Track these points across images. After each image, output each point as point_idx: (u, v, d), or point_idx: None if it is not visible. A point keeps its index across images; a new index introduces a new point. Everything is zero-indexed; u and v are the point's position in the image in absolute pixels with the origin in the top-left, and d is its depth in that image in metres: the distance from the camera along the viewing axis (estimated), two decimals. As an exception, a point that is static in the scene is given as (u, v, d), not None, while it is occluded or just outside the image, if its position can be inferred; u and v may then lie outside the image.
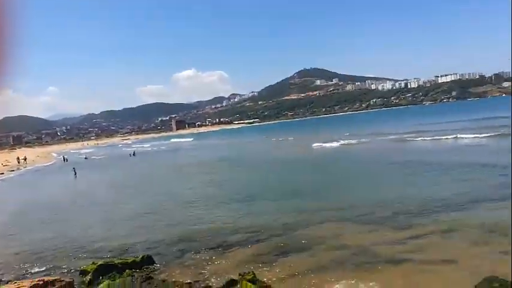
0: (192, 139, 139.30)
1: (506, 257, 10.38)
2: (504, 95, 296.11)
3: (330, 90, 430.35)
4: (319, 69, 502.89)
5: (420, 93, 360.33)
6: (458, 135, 44.99)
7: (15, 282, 8.89)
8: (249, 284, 9.56)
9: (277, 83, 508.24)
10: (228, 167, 40.54)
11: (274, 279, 10.74)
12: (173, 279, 11.25)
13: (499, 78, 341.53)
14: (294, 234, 15.03)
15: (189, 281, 11.00)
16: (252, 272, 10.27)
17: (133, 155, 76.32)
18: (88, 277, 12.28)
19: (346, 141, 55.73)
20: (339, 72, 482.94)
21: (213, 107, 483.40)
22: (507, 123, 47.94)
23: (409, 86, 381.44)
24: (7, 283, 11.02)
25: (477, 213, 15.22)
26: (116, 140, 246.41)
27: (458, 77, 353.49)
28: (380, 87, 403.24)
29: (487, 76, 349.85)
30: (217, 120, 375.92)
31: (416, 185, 22.00)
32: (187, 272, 12.34)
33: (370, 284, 9.86)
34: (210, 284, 10.98)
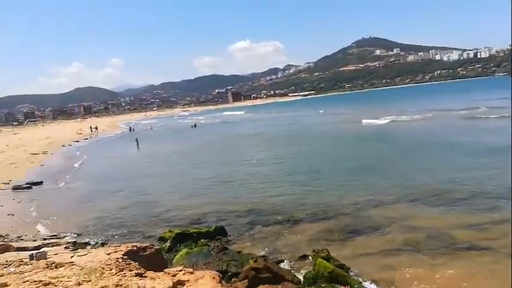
0: (243, 112, 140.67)
1: None
2: None
3: (391, 61, 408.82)
4: (379, 38, 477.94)
5: (492, 64, 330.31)
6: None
7: (111, 245, 9.78)
8: (324, 261, 9.72)
9: (334, 53, 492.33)
10: (284, 142, 40.33)
11: (346, 258, 10.80)
12: (247, 252, 11.77)
13: None
14: (363, 213, 14.89)
15: (263, 253, 11.45)
16: (326, 249, 10.40)
17: (195, 126, 78.85)
18: (167, 244, 13.21)
19: (397, 117, 53.01)
20: (400, 42, 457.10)
21: (268, 78, 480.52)
22: None
23: (479, 56, 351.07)
24: (103, 245, 12.18)
25: None
26: (176, 110, 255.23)
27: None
28: (445, 58, 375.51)
29: None
30: (272, 92, 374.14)
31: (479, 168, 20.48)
32: (258, 244, 12.80)
33: (449, 272, 9.61)
34: (283, 258, 11.35)
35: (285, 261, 11.17)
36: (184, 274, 5.73)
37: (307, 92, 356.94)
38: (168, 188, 22.56)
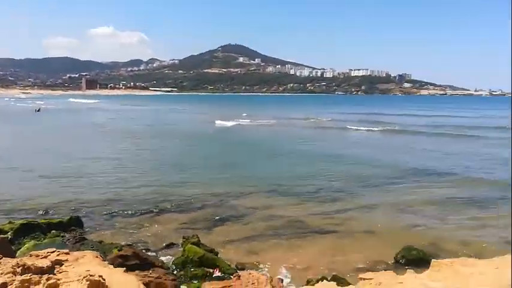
0: (97, 101, 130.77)
1: (419, 229, 12.25)
2: (403, 94, 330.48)
3: (251, 70, 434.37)
4: (243, 46, 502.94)
5: (334, 84, 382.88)
6: (348, 126, 49.34)
7: None
8: (194, 246, 9.78)
9: (201, 54, 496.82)
10: (143, 137, 38.75)
11: (213, 245, 11.06)
12: (109, 242, 10.98)
13: (401, 78, 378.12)
14: (226, 203, 15.49)
15: (129, 242, 10.85)
16: (196, 235, 10.48)
17: (38, 111, 69.42)
18: (8, 235, 11.33)
19: (242, 121, 56.56)
20: (262, 53, 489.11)
21: (129, 69, 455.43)
22: (393, 121, 54.94)
23: (324, 75, 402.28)
24: None
25: (391, 193, 17.26)
26: (13, 92, 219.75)
27: (368, 73, 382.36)
28: (298, 73, 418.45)
29: (392, 75, 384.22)
30: (132, 84, 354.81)
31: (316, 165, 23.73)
32: (120, 235, 12.09)
33: (304, 251, 10.82)
34: (149, 247, 10.97)
35: (152, 249, 10.82)
36: (58, 255, 5.04)
37: (170, 89, 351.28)
38: (11, 178, 19.34)
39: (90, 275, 4.23)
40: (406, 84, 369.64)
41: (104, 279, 4.33)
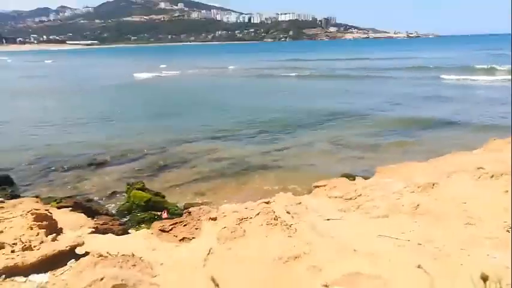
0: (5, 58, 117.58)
1: (354, 160, 13.21)
2: (329, 39, 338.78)
3: (175, 16, 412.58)
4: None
5: (262, 30, 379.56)
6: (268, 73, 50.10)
7: None
8: (139, 191, 9.65)
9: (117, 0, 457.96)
10: (63, 92, 35.83)
11: (159, 190, 10.98)
12: (46, 196, 10.39)
13: (327, 22, 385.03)
14: (169, 151, 15.26)
15: (69, 195, 10.35)
16: (141, 181, 10.31)
17: None
18: None
19: (162, 73, 54.23)
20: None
21: (37, 20, 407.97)
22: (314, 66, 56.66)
23: (252, 21, 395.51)
24: None
25: (322, 131, 18.19)
26: None
27: (295, 17, 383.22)
28: (225, 19, 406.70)
29: (318, 19, 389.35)
30: (45, 37, 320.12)
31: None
32: (57, 190, 11.49)
33: (249, 186, 11.22)
34: (91, 198, 10.59)
35: (95, 199, 10.47)
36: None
37: (90, 42, 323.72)
38: None
39: (35, 209, 4.03)
40: (332, 29, 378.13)
41: (51, 213, 4.16)
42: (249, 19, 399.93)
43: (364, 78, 40.00)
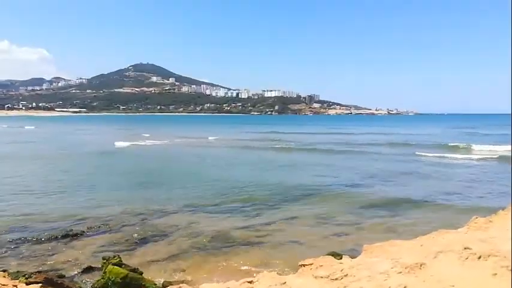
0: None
1: (340, 238, 12.93)
2: (313, 114, 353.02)
3: (166, 89, 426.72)
4: (156, 66, 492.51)
5: (249, 104, 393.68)
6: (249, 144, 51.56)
7: None
8: (116, 267, 9.12)
9: (111, 73, 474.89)
10: (42, 158, 35.18)
11: (137, 266, 10.42)
12: (15, 270, 9.71)
13: (311, 99, 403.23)
14: (148, 222, 14.80)
15: (39, 269, 9.70)
16: (118, 255, 9.79)
17: None
18: None
19: (140, 142, 53.70)
20: (176, 73, 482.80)
21: (30, 89, 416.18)
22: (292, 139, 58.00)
23: (240, 96, 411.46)
24: None
25: (310, 201, 18.06)
26: None
27: (280, 94, 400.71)
28: (214, 93, 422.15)
29: (302, 96, 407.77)
30: (34, 104, 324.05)
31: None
32: (27, 263, 10.80)
33: (231, 264, 10.74)
34: (63, 274, 9.94)
35: (68, 275, 9.82)
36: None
37: (78, 109, 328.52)
38: None
39: (3, 284, 3.71)
40: (316, 105, 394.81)
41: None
42: (237, 94, 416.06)
43: (346, 153, 40.78)
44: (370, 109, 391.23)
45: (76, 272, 10.07)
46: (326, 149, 45.33)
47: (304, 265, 5.43)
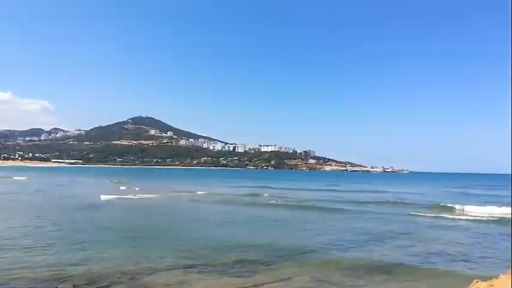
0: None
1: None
2: (308, 169, 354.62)
3: (164, 142, 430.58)
4: (154, 119, 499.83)
5: (245, 158, 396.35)
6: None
7: None
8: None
9: (109, 125, 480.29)
10: (33, 212, 34.35)
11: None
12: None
13: (306, 154, 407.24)
14: (139, 281, 14.30)
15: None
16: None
17: None
18: None
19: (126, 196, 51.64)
20: (174, 126, 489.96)
21: (28, 139, 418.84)
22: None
23: (236, 150, 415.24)
24: None
25: (306, 261, 17.64)
26: None
27: (277, 149, 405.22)
28: (211, 147, 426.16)
29: (298, 152, 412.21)
30: (30, 155, 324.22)
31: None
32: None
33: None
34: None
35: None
36: None
37: (74, 160, 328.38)
38: None
39: None
40: (311, 160, 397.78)
41: None
42: (234, 148, 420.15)
43: (340, 212, 40.14)
44: (365, 166, 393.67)
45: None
46: (320, 206, 44.89)
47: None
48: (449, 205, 45.55)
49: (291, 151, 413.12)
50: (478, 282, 10.61)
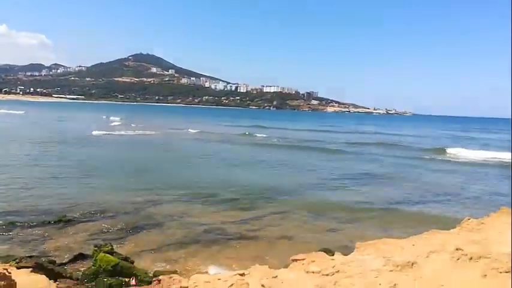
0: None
1: (332, 234, 12.97)
2: (310, 110, 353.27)
3: (165, 80, 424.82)
4: (156, 57, 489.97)
5: (247, 98, 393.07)
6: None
7: None
8: (107, 255, 9.09)
9: (110, 62, 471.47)
10: (37, 144, 34.72)
11: (129, 254, 10.42)
12: (5, 255, 9.68)
13: (309, 95, 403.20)
14: (142, 211, 14.79)
15: (30, 254, 9.66)
16: (110, 243, 9.77)
17: None
18: None
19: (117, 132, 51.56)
20: (176, 65, 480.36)
21: (29, 74, 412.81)
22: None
23: (238, 90, 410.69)
24: None
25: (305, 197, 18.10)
26: None
27: (279, 89, 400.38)
28: (213, 86, 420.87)
29: (301, 93, 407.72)
30: (32, 89, 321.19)
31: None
32: (18, 248, 10.78)
33: (224, 257, 10.75)
34: (54, 260, 9.90)
35: (59, 261, 9.78)
36: None
37: (76, 96, 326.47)
38: None
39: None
40: (314, 101, 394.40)
41: (10, 273, 3.80)
42: (236, 88, 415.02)
43: (338, 153, 40.24)
44: (368, 108, 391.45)
45: (67, 259, 10.04)
46: (320, 147, 45.01)
47: (296, 260, 5.43)
48: (446, 149, 45.24)
49: (293, 92, 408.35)
50: (469, 219, 10.90)
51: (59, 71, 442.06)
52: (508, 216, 10.80)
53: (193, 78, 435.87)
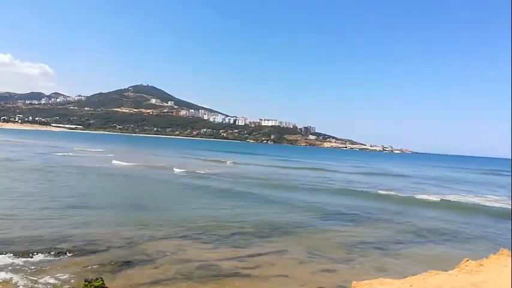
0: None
1: (328, 273, 12.69)
2: (308, 145, 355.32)
3: (164, 112, 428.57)
4: (156, 88, 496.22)
5: (245, 131, 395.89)
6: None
7: None
8: (97, 291, 8.85)
9: (110, 92, 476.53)
10: (38, 175, 34.76)
11: (120, 289, 10.15)
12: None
13: (307, 130, 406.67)
14: (136, 246, 14.49)
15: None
16: (101, 278, 9.52)
17: None
18: None
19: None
20: (175, 96, 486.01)
21: (28, 102, 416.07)
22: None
23: (237, 123, 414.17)
24: None
25: (301, 235, 17.82)
26: None
27: (277, 123, 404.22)
28: (212, 119, 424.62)
29: (298, 127, 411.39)
30: (30, 118, 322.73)
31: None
32: (6, 282, 10.45)
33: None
34: (42, 294, 9.61)
35: (46, 296, 9.49)
36: None
37: (74, 126, 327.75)
38: None
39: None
40: (311, 136, 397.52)
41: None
42: (234, 121, 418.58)
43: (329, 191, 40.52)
44: (364, 144, 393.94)
45: (55, 294, 9.74)
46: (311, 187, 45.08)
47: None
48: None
49: (291, 126, 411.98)
50: (468, 261, 10.74)
51: (58, 100, 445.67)
52: (507, 258, 10.65)
53: (192, 110, 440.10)
